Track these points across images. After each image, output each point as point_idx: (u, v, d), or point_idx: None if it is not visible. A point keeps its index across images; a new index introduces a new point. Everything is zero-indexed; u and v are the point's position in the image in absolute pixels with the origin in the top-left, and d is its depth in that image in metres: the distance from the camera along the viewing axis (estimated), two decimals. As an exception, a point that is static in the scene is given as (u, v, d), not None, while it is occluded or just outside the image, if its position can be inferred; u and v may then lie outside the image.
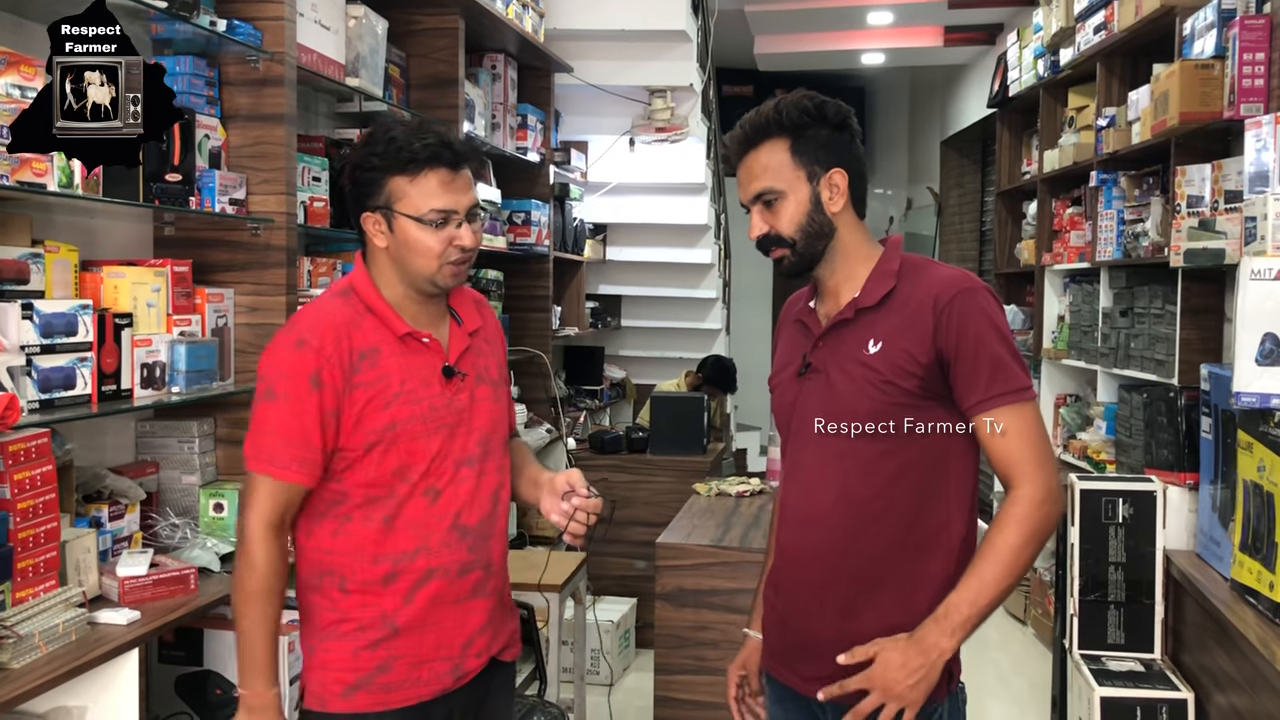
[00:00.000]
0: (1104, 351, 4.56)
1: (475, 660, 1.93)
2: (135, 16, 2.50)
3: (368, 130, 1.89)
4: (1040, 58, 5.52)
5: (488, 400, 1.95)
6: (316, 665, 1.87)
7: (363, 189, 1.85)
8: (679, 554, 3.27)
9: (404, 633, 1.85)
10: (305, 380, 1.78)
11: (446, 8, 3.96)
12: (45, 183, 2.14)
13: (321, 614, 1.87)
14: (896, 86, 9.51)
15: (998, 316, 1.79)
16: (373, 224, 1.86)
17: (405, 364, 1.85)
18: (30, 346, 2.17)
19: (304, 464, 1.80)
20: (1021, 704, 4.48)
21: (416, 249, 1.83)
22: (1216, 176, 3.34)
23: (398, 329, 1.86)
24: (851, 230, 1.86)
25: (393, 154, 1.82)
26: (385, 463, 1.83)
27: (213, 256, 2.82)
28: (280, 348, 1.83)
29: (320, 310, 1.86)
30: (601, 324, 6.27)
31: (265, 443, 1.80)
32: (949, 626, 1.73)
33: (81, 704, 2.11)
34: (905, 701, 1.73)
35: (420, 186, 1.82)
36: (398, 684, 1.85)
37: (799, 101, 1.82)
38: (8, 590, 2.06)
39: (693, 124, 5.87)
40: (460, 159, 1.85)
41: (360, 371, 1.81)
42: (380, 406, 1.81)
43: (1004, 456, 1.77)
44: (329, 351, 1.80)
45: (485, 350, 1.99)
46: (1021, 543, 1.74)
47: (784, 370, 1.94)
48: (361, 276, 1.89)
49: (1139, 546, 3.24)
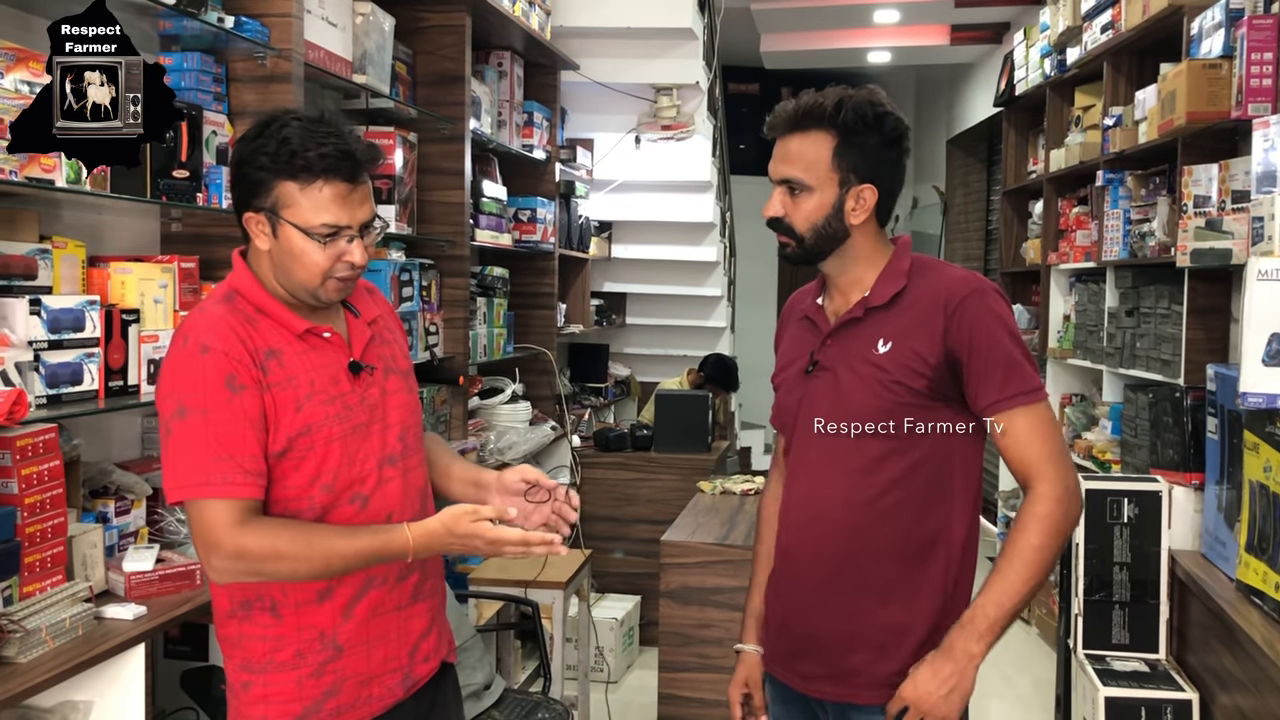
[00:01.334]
0: (1110, 351, 4.55)
1: (424, 666, 1.84)
2: (143, 13, 2.50)
3: (260, 118, 1.71)
4: (1047, 57, 5.51)
5: (401, 392, 1.83)
6: (255, 700, 1.72)
7: (247, 186, 1.68)
8: (683, 552, 3.28)
9: (347, 651, 1.73)
10: (220, 387, 1.62)
11: (453, 5, 3.96)
12: (53, 179, 2.14)
13: (253, 645, 1.72)
14: (902, 85, 9.50)
15: (1008, 317, 1.79)
16: (255, 224, 1.70)
17: (310, 362, 1.71)
18: (38, 342, 2.17)
19: (246, 475, 1.62)
20: (1026, 704, 4.47)
21: (300, 261, 1.67)
22: (1224, 176, 3.33)
23: (296, 327, 1.71)
24: (867, 237, 1.85)
25: (285, 157, 1.64)
26: (303, 470, 1.68)
27: (219, 253, 2.81)
28: (180, 360, 1.65)
29: (211, 316, 1.69)
30: (606, 321, 6.27)
31: (193, 465, 1.60)
32: (975, 632, 1.72)
33: (88, 698, 2.12)
34: (940, 714, 1.72)
35: (311, 197, 1.65)
36: (348, 706, 1.74)
37: (860, 104, 1.78)
38: (15, 585, 2.06)
39: (698, 122, 5.87)
40: (360, 170, 1.69)
41: (270, 372, 1.66)
42: (293, 409, 1.67)
43: (1021, 457, 1.77)
44: (238, 352, 1.64)
45: (388, 339, 1.86)
46: (1042, 541, 1.74)
47: (790, 367, 1.93)
48: (245, 278, 1.74)
49: (1144, 546, 3.24)
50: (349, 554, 1.65)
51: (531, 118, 4.92)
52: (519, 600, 3.59)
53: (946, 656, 1.73)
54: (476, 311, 4.30)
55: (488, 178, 4.55)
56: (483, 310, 4.39)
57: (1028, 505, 1.77)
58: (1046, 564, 1.76)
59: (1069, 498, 1.76)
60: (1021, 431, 1.76)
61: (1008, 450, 1.78)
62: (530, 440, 4.57)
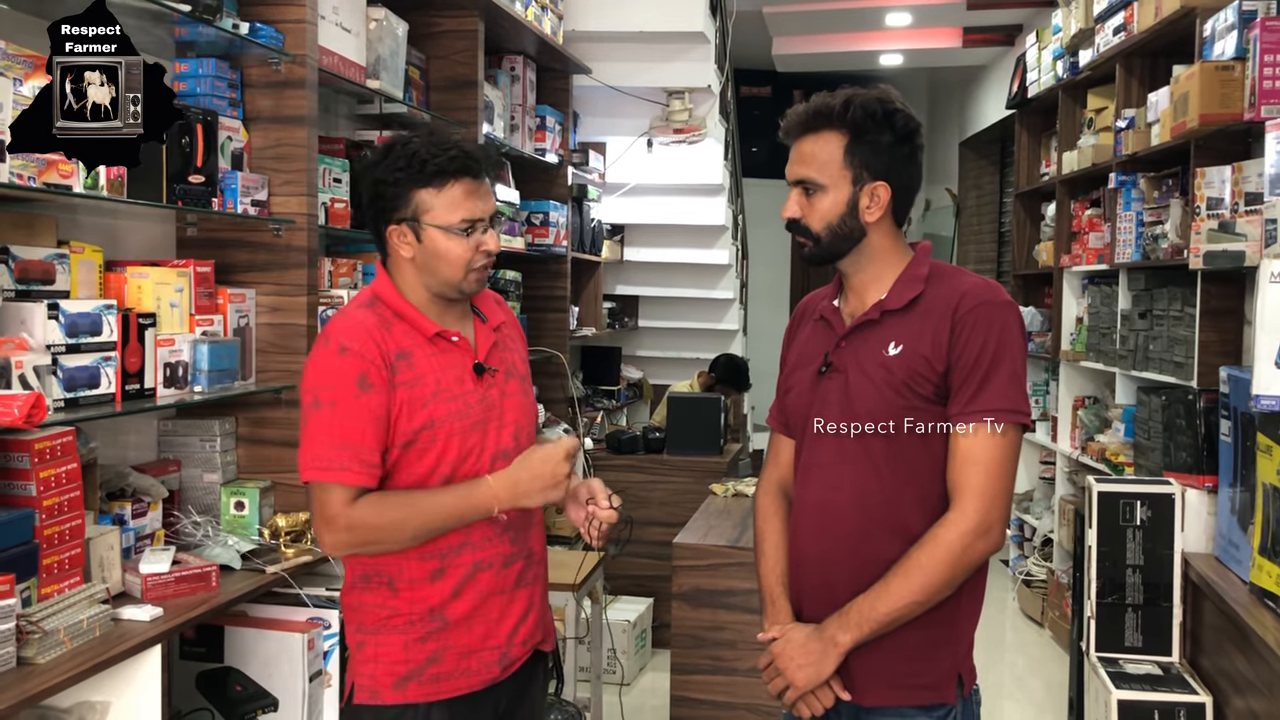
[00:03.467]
0: (1123, 353, 4.54)
1: (521, 649, 1.98)
2: (159, 19, 2.52)
3: (385, 142, 1.93)
4: (1059, 59, 5.50)
5: (517, 394, 2.00)
6: (367, 659, 1.90)
7: (386, 202, 1.88)
8: (696, 554, 3.28)
9: (453, 625, 1.89)
10: (352, 384, 1.81)
11: (466, 10, 3.98)
12: (71, 184, 2.16)
13: (371, 612, 1.91)
14: (915, 88, 9.49)
15: (1012, 333, 1.77)
16: (398, 236, 1.89)
17: (438, 363, 1.89)
18: (56, 346, 2.19)
19: (363, 465, 1.82)
20: (1038, 706, 4.46)
21: (445, 258, 1.87)
22: (1236, 178, 3.33)
23: (427, 330, 1.89)
24: (884, 236, 1.85)
25: (416, 167, 1.84)
26: (424, 460, 1.85)
27: (235, 257, 2.84)
28: (321, 358, 1.85)
29: (352, 319, 1.88)
30: (619, 324, 6.28)
31: (318, 451, 1.81)
32: (847, 624, 1.77)
33: (105, 699, 2.14)
34: (790, 680, 1.81)
35: (446, 198, 1.86)
36: (447, 674, 1.90)
37: (869, 102, 1.79)
38: (33, 586, 2.08)
39: (710, 125, 5.88)
40: (482, 168, 1.89)
41: (399, 372, 1.85)
42: (419, 405, 1.84)
43: (956, 475, 1.76)
44: (372, 354, 1.82)
45: (510, 346, 2.04)
46: (931, 564, 1.73)
47: (802, 369, 1.93)
48: (385, 285, 1.93)
49: (1157, 549, 3.23)
50: (438, 504, 1.83)
51: (544, 122, 4.93)
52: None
53: (818, 637, 1.79)
54: (489, 315, 4.31)
55: (500, 181, 4.57)
56: (495, 313, 4.40)
57: (938, 524, 1.75)
58: (931, 586, 1.73)
59: (982, 536, 1.73)
60: (969, 450, 1.74)
61: (949, 460, 1.76)
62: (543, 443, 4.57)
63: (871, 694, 1.82)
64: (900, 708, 1.82)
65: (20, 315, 2.17)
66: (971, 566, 1.76)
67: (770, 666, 1.85)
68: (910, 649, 1.81)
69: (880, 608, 1.75)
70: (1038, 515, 5.97)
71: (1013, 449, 1.77)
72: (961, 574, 1.76)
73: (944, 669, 1.82)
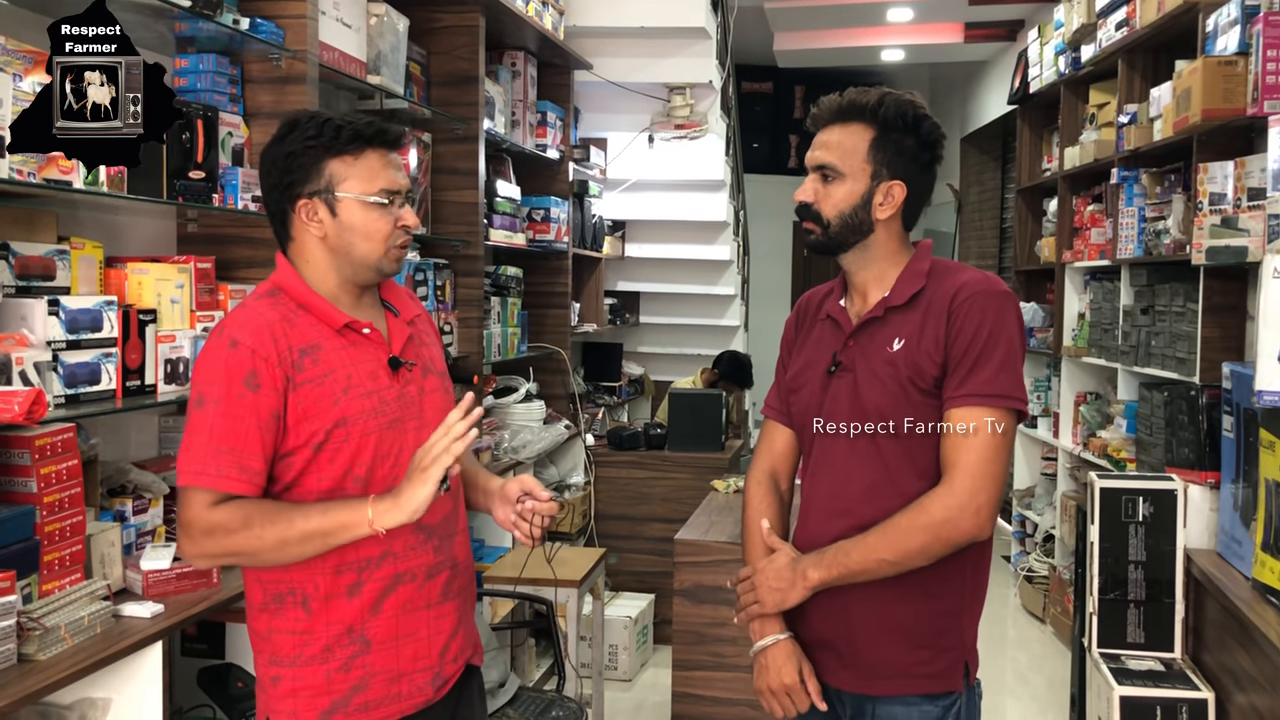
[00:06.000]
0: (1125, 349, 4.54)
1: (453, 666, 1.85)
2: (159, 15, 2.51)
3: (288, 117, 1.80)
4: (1061, 54, 5.50)
5: (437, 392, 1.86)
6: (285, 694, 1.74)
7: (295, 174, 1.74)
8: (697, 550, 3.28)
9: (375, 646, 1.74)
10: (238, 382, 1.66)
11: (467, 5, 3.97)
12: (71, 180, 2.16)
13: (283, 640, 1.74)
14: (916, 83, 9.48)
15: (1009, 323, 1.78)
16: (307, 213, 1.75)
17: (348, 357, 1.74)
18: (56, 342, 2.19)
19: (243, 471, 1.65)
20: (1040, 702, 4.46)
21: (364, 231, 1.74)
22: (1239, 174, 3.32)
23: (335, 321, 1.75)
24: (890, 236, 1.87)
25: (330, 134, 1.72)
26: (337, 463, 1.71)
27: (235, 253, 2.84)
28: (210, 351, 1.70)
29: (250, 311, 1.73)
30: (620, 320, 6.28)
31: (196, 454, 1.65)
32: (821, 563, 1.81)
33: (106, 695, 2.13)
34: (759, 598, 1.87)
35: (363, 166, 1.74)
36: (376, 702, 1.75)
37: (902, 104, 1.83)
38: (34, 583, 2.08)
39: (712, 121, 5.87)
40: (399, 138, 1.79)
41: (304, 369, 1.70)
42: (329, 403, 1.70)
43: (947, 453, 1.76)
44: (266, 350, 1.68)
45: (426, 340, 1.91)
46: (913, 529, 1.74)
47: (811, 369, 1.93)
48: (289, 274, 1.79)
49: (1159, 545, 3.23)
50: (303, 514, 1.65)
51: (545, 117, 4.93)
52: (533, 599, 3.60)
53: (792, 568, 1.84)
54: (490, 311, 4.31)
55: (501, 177, 4.57)
56: (497, 310, 4.41)
57: (927, 496, 1.76)
58: (904, 549, 1.74)
59: (965, 515, 1.73)
60: (961, 431, 1.74)
61: (943, 441, 1.76)
62: (544, 439, 4.58)
63: (880, 684, 1.83)
64: (908, 696, 1.82)
65: (20, 311, 2.17)
66: (951, 543, 1.75)
67: (747, 581, 1.90)
68: (918, 638, 1.82)
69: (854, 555, 1.77)
70: (1039, 511, 5.97)
71: (1005, 434, 1.76)
72: (938, 547, 1.74)
73: (951, 657, 1.83)
